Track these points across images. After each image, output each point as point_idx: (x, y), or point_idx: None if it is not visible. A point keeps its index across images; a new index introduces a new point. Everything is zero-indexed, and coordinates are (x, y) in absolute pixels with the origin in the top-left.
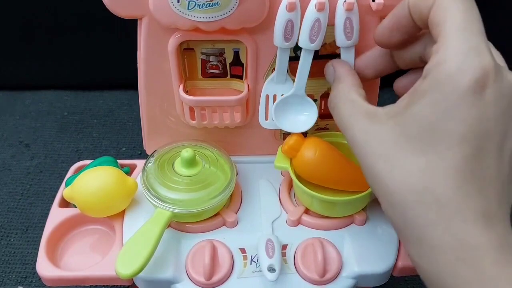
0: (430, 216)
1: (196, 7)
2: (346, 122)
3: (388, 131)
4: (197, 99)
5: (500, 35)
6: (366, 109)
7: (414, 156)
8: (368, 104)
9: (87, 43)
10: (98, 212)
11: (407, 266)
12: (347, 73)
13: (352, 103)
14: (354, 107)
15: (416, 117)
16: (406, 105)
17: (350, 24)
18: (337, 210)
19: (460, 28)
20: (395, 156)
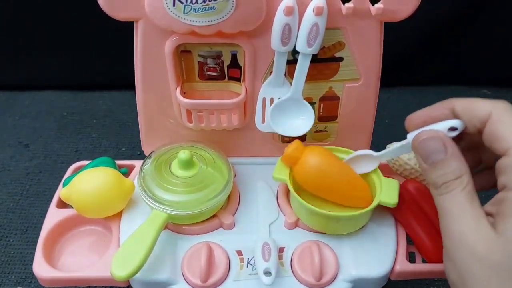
0: None
1: (191, 11)
2: (460, 236)
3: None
4: (194, 102)
5: (501, 35)
6: (486, 231)
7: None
8: (486, 219)
9: (87, 43)
10: (94, 213)
11: (404, 270)
12: (467, 169)
13: (475, 219)
14: (478, 228)
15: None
16: (503, 219)
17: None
18: (332, 227)
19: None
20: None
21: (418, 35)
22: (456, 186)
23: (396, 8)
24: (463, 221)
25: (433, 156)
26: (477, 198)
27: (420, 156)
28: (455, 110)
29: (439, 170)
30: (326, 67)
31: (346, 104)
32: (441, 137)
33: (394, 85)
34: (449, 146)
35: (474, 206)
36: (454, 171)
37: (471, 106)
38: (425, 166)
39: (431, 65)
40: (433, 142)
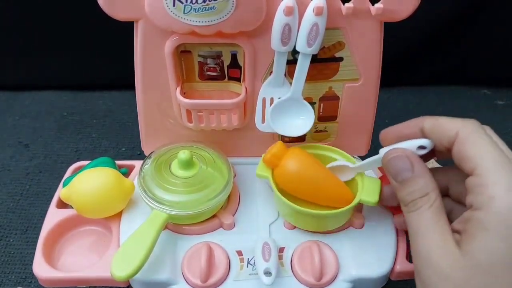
0: None
1: (192, 11)
2: (426, 253)
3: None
4: (194, 102)
5: (501, 35)
6: (451, 249)
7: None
8: (452, 236)
9: (87, 43)
10: (94, 213)
11: (404, 270)
12: (435, 186)
13: (441, 237)
14: (444, 245)
15: (486, 251)
16: (468, 238)
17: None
18: (312, 224)
19: (498, 163)
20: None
21: (418, 35)
22: (423, 203)
23: (396, 8)
24: (429, 238)
25: (401, 174)
26: (444, 215)
27: (389, 173)
28: (424, 129)
29: (407, 188)
30: (326, 67)
31: (346, 104)
32: (408, 156)
33: (394, 85)
34: (415, 164)
35: (441, 223)
36: (420, 189)
37: (439, 125)
38: (395, 184)
39: (431, 65)
40: (401, 161)
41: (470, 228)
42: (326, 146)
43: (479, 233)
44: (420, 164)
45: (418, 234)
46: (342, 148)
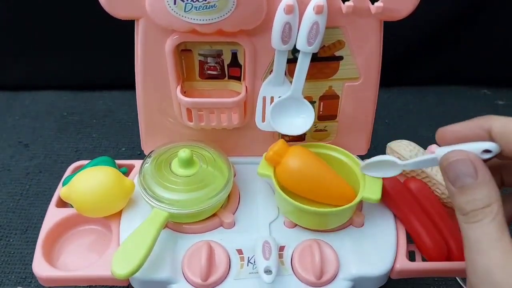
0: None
1: (193, 9)
2: (486, 272)
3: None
4: (194, 100)
5: (501, 35)
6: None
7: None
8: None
9: (87, 43)
10: (94, 212)
11: (405, 268)
12: (498, 197)
13: (504, 255)
14: (507, 265)
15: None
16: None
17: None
18: (315, 222)
19: None
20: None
21: (418, 34)
22: (485, 215)
23: (395, 7)
24: (491, 256)
25: (462, 179)
26: (507, 230)
27: (448, 177)
28: (492, 131)
29: (467, 196)
30: (326, 66)
31: (345, 103)
32: (472, 160)
33: (394, 85)
34: (480, 170)
35: (504, 239)
36: (483, 199)
37: (510, 130)
38: (452, 189)
39: (431, 65)
40: (464, 165)
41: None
42: (328, 145)
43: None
44: (485, 170)
45: (477, 250)
46: (342, 147)
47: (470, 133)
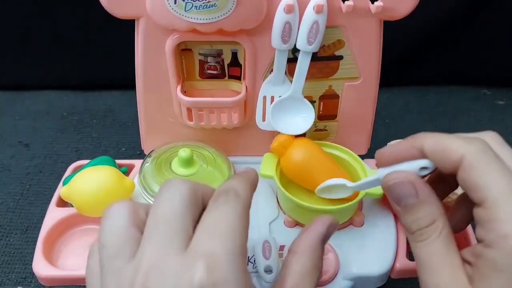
0: None
1: (193, 8)
2: (443, 285)
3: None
4: (195, 100)
5: (501, 35)
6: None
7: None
8: (463, 271)
9: (87, 43)
10: (95, 212)
11: (405, 268)
12: (442, 212)
13: (453, 272)
14: (456, 283)
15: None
16: (480, 278)
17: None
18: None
19: (510, 194)
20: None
21: (418, 34)
22: (430, 233)
23: (395, 7)
24: (438, 273)
25: (404, 200)
26: (453, 244)
27: (391, 198)
28: (424, 150)
29: (411, 216)
30: (326, 66)
31: (345, 102)
32: (411, 180)
33: (394, 85)
34: (420, 189)
35: (450, 255)
36: (427, 216)
37: (441, 148)
38: (397, 209)
39: (431, 65)
40: (403, 186)
41: (482, 266)
42: (329, 143)
43: (492, 274)
44: (425, 188)
45: (427, 269)
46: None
47: (406, 153)
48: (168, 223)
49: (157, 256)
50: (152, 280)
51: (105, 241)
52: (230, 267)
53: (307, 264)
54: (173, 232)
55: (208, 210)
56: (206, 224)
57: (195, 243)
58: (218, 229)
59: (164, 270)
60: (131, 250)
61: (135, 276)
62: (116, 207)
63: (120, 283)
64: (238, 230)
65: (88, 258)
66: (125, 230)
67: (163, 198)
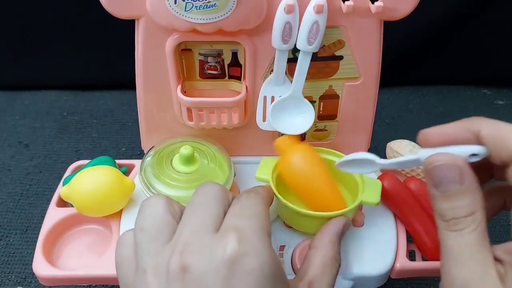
0: None
1: (193, 8)
2: (464, 284)
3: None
4: (195, 100)
5: (501, 35)
6: (494, 285)
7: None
8: (495, 269)
9: (87, 43)
10: (95, 212)
11: (405, 268)
12: (482, 206)
13: (483, 268)
14: (486, 280)
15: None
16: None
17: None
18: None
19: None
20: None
21: (418, 35)
22: (467, 225)
23: (395, 7)
24: (469, 267)
25: (446, 185)
26: (488, 242)
27: (431, 181)
28: (480, 135)
29: (450, 202)
30: (326, 66)
31: (345, 102)
32: (459, 165)
33: (394, 85)
34: (466, 177)
35: (484, 251)
36: (467, 207)
37: (500, 135)
38: (435, 193)
39: (431, 65)
40: (449, 170)
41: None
42: (327, 149)
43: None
44: (472, 177)
45: (456, 260)
46: (341, 147)
47: (457, 136)
48: (201, 210)
49: (192, 236)
50: (188, 255)
51: (145, 225)
52: (259, 240)
53: (328, 256)
54: (206, 216)
55: (232, 204)
56: (232, 211)
57: (224, 224)
58: (243, 213)
59: (198, 245)
60: (168, 234)
61: (172, 254)
62: (154, 198)
63: (158, 262)
64: (261, 215)
65: (118, 248)
66: (163, 216)
67: (199, 193)
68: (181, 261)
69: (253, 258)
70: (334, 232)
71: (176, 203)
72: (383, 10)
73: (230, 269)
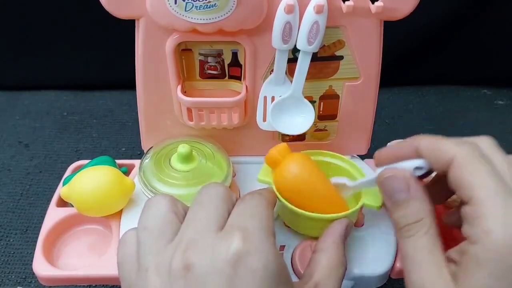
0: None
1: (193, 8)
2: (421, 286)
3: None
4: (195, 100)
5: (501, 35)
6: (447, 284)
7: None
8: (447, 268)
9: (87, 43)
10: (95, 212)
11: None
12: (431, 211)
13: (437, 269)
14: (439, 280)
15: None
16: (464, 274)
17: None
18: (314, 228)
19: (495, 194)
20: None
21: (418, 35)
22: (417, 230)
23: (395, 7)
24: (424, 270)
25: (396, 195)
26: (439, 243)
27: (384, 193)
28: (419, 150)
29: (401, 211)
30: (326, 66)
31: (346, 102)
32: (404, 176)
33: (394, 85)
34: (412, 186)
35: (435, 253)
36: (415, 213)
37: (435, 148)
38: (389, 205)
39: (431, 65)
40: (396, 181)
41: (465, 262)
42: (327, 152)
43: (475, 269)
44: (417, 186)
45: (412, 264)
46: (342, 147)
47: (403, 153)
48: (205, 210)
49: (195, 235)
50: (191, 253)
51: (148, 224)
52: (263, 240)
53: (333, 258)
54: (210, 216)
55: (237, 204)
56: (236, 211)
57: (228, 223)
58: (247, 213)
59: (202, 244)
60: (171, 233)
61: (174, 252)
62: (158, 197)
63: (160, 261)
64: (265, 215)
65: (120, 247)
66: (166, 215)
67: (203, 193)
68: (184, 259)
69: (257, 257)
70: (337, 234)
71: (180, 203)
72: (383, 10)
73: (234, 268)
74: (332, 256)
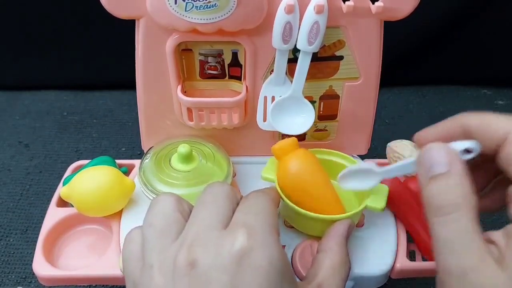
0: None
1: (193, 8)
2: (462, 274)
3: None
4: (195, 100)
5: (501, 35)
6: (492, 269)
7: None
8: (489, 254)
9: (87, 43)
10: (95, 212)
11: (405, 268)
12: (473, 190)
13: (479, 255)
14: (483, 266)
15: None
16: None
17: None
18: (315, 228)
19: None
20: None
21: (418, 35)
22: (458, 209)
23: (396, 7)
24: (465, 256)
25: (434, 168)
26: (479, 226)
27: (423, 168)
28: (469, 129)
29: (438, 187)
30: (327, 66)
31: (346, 102)
32: (449, 151)
33: (394, 85)
34: (455, 161)
35: (477, 238)
36: (456, 191)
37: (487, 125)
38: (423, 181)
39: (431, 65)
40: (437, 153)
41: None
42: (330, 150)
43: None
44: (460, 162)
45: (449, 248)
46: (342, 147)
47: (448, 133)
48: (210, 208)
49: (200, 232)
50: (196, 250)
51: (154, 221)
52: (267, 236)
53: (336, 259)
54: (214, 214)
55: (241, 202)
56: (240, 209)
57: (233, 220)
58: (252, 211)
59: (207, 241)
60: (176, 231)
61: (179, 249)
62: (163, 196)
63: (165, 258)
64: (269, 213)
65: (125, 244)
66: (172, 213)
67: (207, 192)
68: (188, 256)
69: (261, 253)
70: (340, 234)
71: (185, 202)
72: (383, 10)
73: (238, 264)
74: (336, 256)
